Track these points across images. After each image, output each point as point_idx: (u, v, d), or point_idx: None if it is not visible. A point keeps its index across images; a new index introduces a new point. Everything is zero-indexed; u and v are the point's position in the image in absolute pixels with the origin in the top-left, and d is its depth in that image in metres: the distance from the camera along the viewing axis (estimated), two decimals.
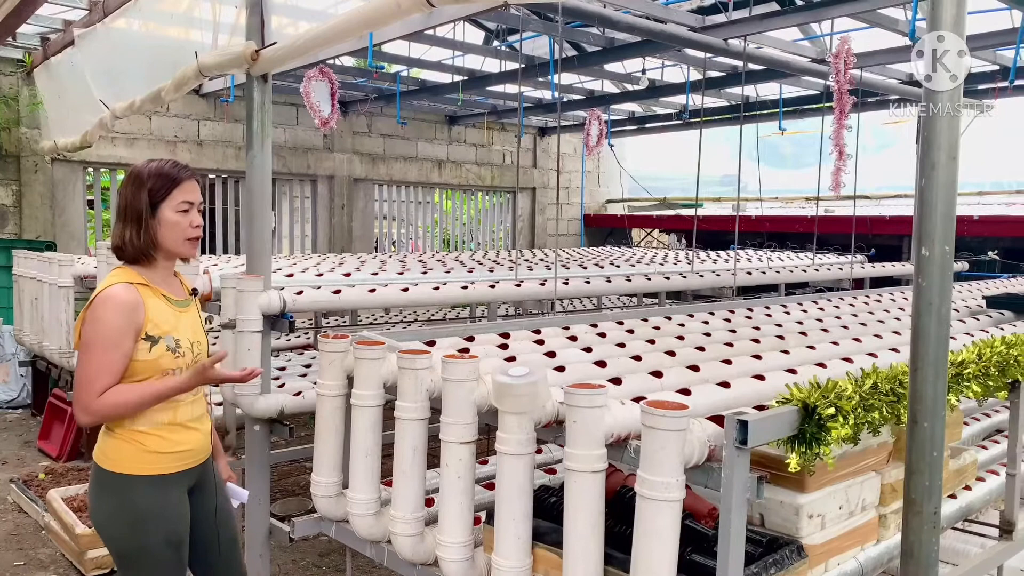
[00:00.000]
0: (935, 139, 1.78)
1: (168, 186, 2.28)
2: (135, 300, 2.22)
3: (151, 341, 2.24)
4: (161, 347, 2.25)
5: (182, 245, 2.33)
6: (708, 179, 11.52)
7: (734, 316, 3.72)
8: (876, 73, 7.90)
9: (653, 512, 1.74)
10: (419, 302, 4.72)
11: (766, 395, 2.27)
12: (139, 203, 2.27)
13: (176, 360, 2.29)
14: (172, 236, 2.30)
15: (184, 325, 2.35)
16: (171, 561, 2.29)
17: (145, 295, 2.26)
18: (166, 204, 2.28)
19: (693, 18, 6.29)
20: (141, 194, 2.27)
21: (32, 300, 6.23)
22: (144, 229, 2.27)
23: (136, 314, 2.21)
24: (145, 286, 2.28)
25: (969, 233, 8.53)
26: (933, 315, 1.80)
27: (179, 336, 2.31)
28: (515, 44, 8.40)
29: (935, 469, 1.84)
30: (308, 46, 3.30)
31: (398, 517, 2.32)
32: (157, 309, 2.27)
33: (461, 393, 2.15)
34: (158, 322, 2.26)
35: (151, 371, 2.25)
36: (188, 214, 2.31)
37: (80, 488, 4.47)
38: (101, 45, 5.93)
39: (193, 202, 2.33)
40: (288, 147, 10.47)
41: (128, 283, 2.24)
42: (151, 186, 2.28)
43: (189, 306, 2.43)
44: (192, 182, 2.34)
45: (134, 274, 2.29)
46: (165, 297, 2.32)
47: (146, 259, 2.31)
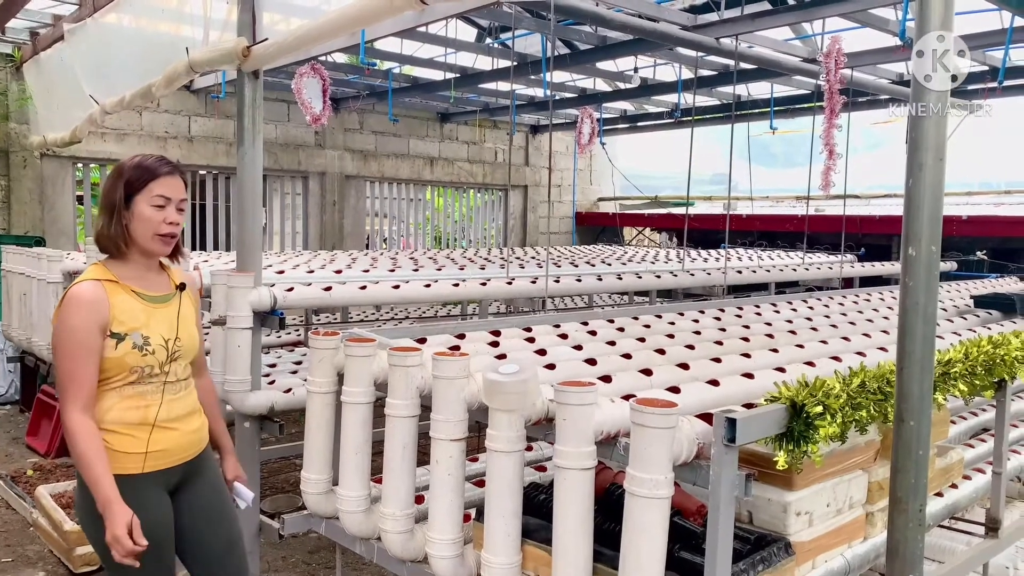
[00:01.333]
0: (922, 140, 1.80)
1: (145, 179, 2.24)
2: (98, 297, 2.18)
3: (116, 338, 2.20)
4: (127, 344, 2.21)
5: (151, 241, 2.26)
6: (699, 178, 11.58)
7: (724, 315, 3.74)
8: (867, 73, 7.94)
9: (642, 509, 1.75)
10: (410, 299, 4.72)
11: (755, 393, 2.28)
12: (115, 194, 2.24)
13: (144, 358, 2.24)
14: (142, 230, 2.25)
15: (158, 322, 2.29)
16: (150, 562, 2.20)
17: (111, 291, 2.22)
18: (141, 197, 2.24)
19: (685, 17, 6.31)
20: (118, 185, 2.24)
21: (21, 296, 6.20)
22: (116, 221, 2.23)
23: (99, 310, 2.17)
24: (113, 282, 2.24)
25: (958, 233, 8.58)
26: (920, 314, 1.82)
27: (149, 333, 2.25)
28: (507, 42, 8.40)
29: (921, 467, 1.85)
30: (300, 42, 3.29)
31: (388, 514, 2.33)
32: (123, 306, 2.23)
33: (451, 390, 2.16)
34: (123, 319, 2.21)
35: (117, 369, 2.21)
36: (163, 210, 2.26)
37: (69, 484, 4.45)
38: (91, 40, 5.90)
39: (171, 198, 2.27)
40: (279, 144, 10.43)
41: (95, 279, 2.22)
42: (128, 177, 2.24)
43: (169, 301, 2.35)
44: (173, 178, 2.28)
45: (104, 270, 2.26)
46: (136, 293, 2.27)
47: (119, 252, 2.28)
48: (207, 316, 3.75)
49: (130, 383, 2.24)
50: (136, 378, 2.24)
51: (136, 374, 2.24)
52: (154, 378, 2.28)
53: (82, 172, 9.29)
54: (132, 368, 2.23)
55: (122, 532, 2.07)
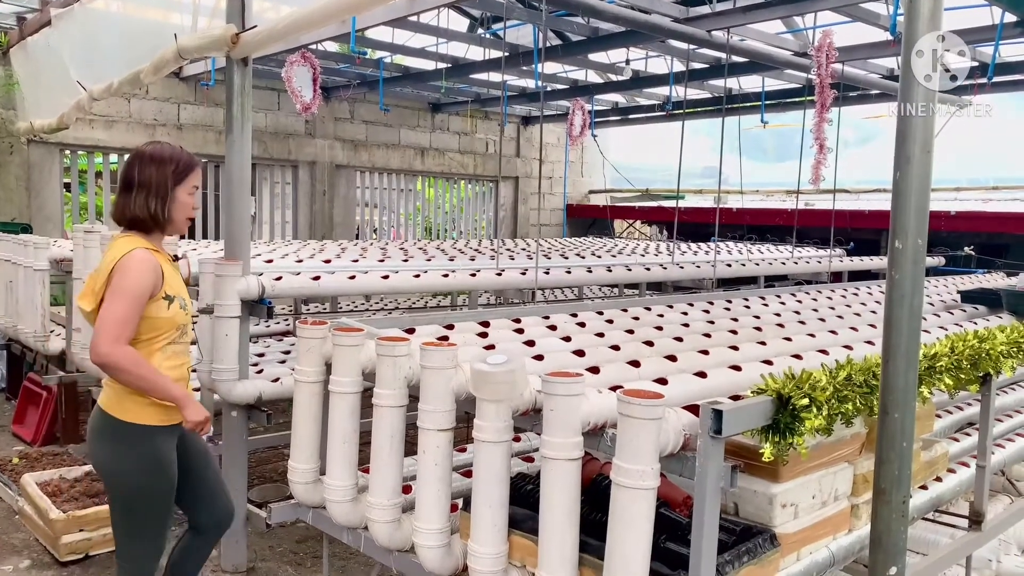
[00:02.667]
0: (910, 133, 1.80)
1: (187, 170, 2.56)
2: (156, 263, 2.49)
3: (168, 300, 2.52)
4: (176, 304, 2.54)
5: (183, 223, 2.63)
6: (690, 171, 11.60)
7: (713, 307, 3.75)
8: (857, 67, 7.96)
9: (628, 500, 1.76)
10: (399, 290, 4.71)
11: (742, 385, 2.29)
12: (164, 179, 2.52)
13: (186, 316, 2.59)
14: (179, 214, 2.58)
15: (181, 285, 2.64)
16: (168, 501, 2.57)
17: (160, 260, 2.53)
18: (182, 186, 2.55)
19: (677, 9, 6.30)
20: (166, 171, 2.53)
21: (7, 283, 6.15)
22: (160, 202, 2.52)
23: (157, 276, 2.48)
24: (157, 252, 2.54)
25: (945, 228, 8.62)
26: (905, 307, 1.83)
27: (183, 296, 2.60)
28: (499, 32, 8.36)
29: (904, 459, 1.87)
30: (289, 30, 3.28)
31: (375, 504, 2.33)
32: (169, 272, 2.56)
33: (439, 380, 2.16)
34: (171, 283, 2.55)
35: (168, 326, 2.53)
36: (192, 196, 2.61)
37: (55, 473, 4.43)
38: (79, 26, 5.84)
39: (198, 186, 2.63)
40: (269, 132, 10.37)
41: (146, 248, 2.50)
42: (175, 166, 2.54)
43: (178, 270, 2.72)
44: (199, 169, 2.63)
45: (143, 241, 2.52)
46: (168, 261, 2.60)
47: (151, 229, 2.55)
48: (195, 305, 3.73)
49: (170, 343, 2.55)
50: (177, 335, 2.57)
51: (179, 331, 2.57)
52: (184, 337, 2.62)
53: (69, 159, 9.21)
54: (178, 326, 2.56)
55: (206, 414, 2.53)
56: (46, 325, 5.60)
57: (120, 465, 2.52)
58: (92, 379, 4.91)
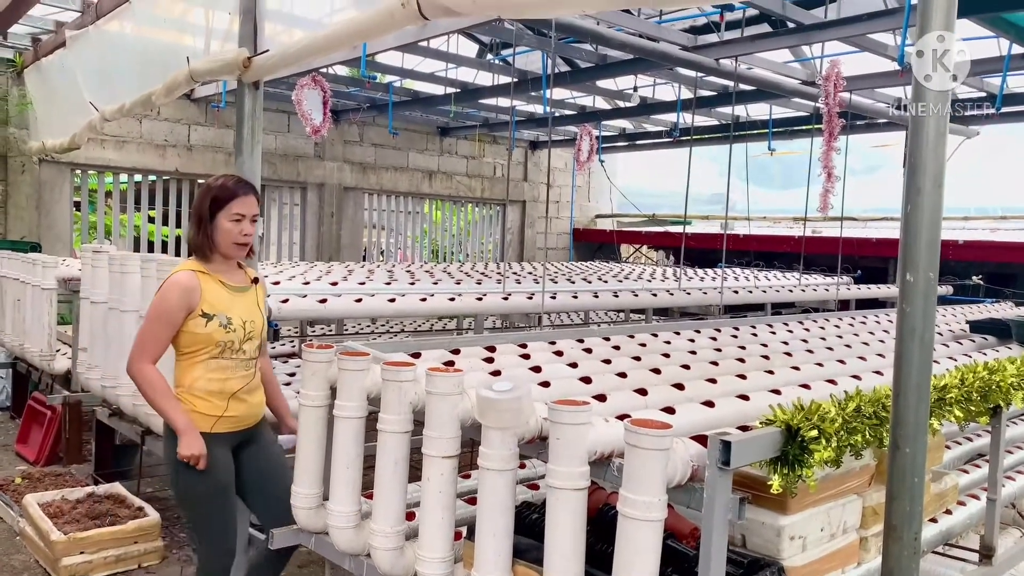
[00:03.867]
0: (921, 165, 1.80)
1: (226, 198, 2.72)
2: (193, 284, 2.68)
3: (206, 317, 2.69)
4: (214, 323, 2.69)
5: (230, 248, 2.76)
6: (697, 197, 11.61)
7: (720, 334, 3.73)
8: (865, 97, 7.99)
9: (635, 531, 1.73)
10: (406, 313, 4.71)
11: (750, 415, 2.27)
12: (203, 209, 2.74)
13: (227, 334, 2.72)
14: (224, 240, 2.74)
15: (239, 306, 2.77)
16: (218, 503, 2.72)
17: (203, 280, 2.71)
18: (223, 213, 2.72)
19: (685, 37, 6.35)
20: (205, 202, 2.73)
21: (15, 302, 6.17)
22: (203, 231, 2.73)
23: (192, 295, 2.67)
24: (204, 273, 2.74)
25: (954, 257, 8.61)
26: (916, 341, 1.81)
27: (231, 315, 2.74)
28: (508, 58, 8.43)
29: (916, 494, 1.84)
30: (301, 55, 3.30)
31: (378, 531, 2.30)
32: (213, 292, 2.72)
33: (445, 407, 2.14)
34: (213, 302, 2.70)
35: (206, 342, 2.70)
36: (239, 223, 2.74)
37: (57, 494, 4.41)
38: (93, 47, 5.91)
39: (245, 214, 2.74)
40: (279, 154, 10.44)
41: (191, 271, 2.72)
42: (213, 196, 2.73)
43: (247, 292, 2.85)
44: (248, 197, 2.76)
45: (197, 264, 2.76)
46: (222, 283, 2.76)
47: (205, 254, 2.76)
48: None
49: (214, 357, 2.72)
50: (219, 352, 2.72)
51: (219, 348, 2.71)
52: (234, 355, 2.75)
53: (80, 178, 9.28)
54: (217, 343, 2.71)
55: (198, 450, 2.64)
56: (52, 344, 5.60)
57: (173, 465, 2.73)
58: (96, 399, 4.90)
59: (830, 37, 6.01)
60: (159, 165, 9.52)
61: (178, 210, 9.88)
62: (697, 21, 6.92)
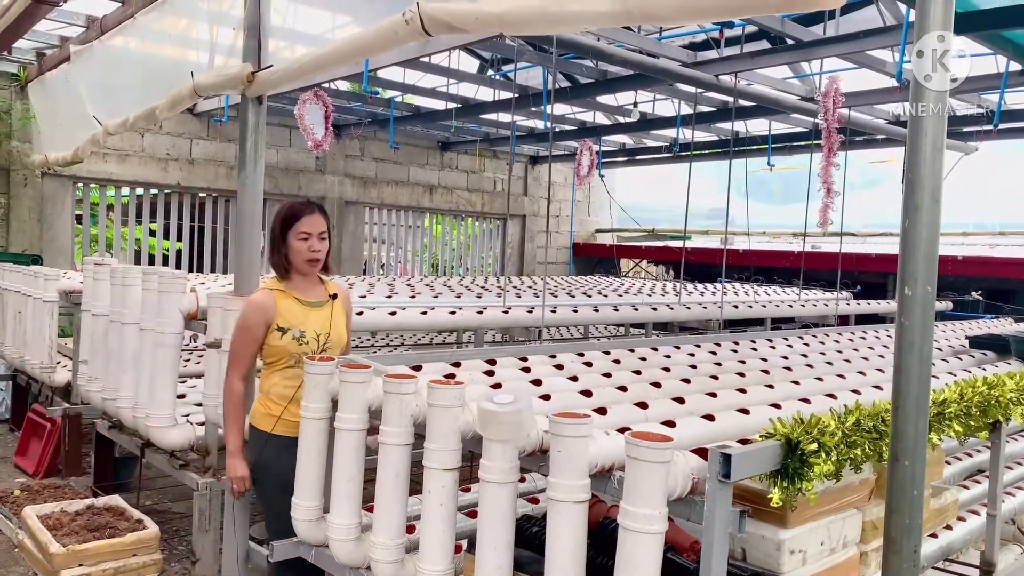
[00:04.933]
0: (919, 181, 1.82)
1: (290, 220, 2.95)
2: (268, 303, 2.92)
3: (281, 331, 2.90)
4: (288, 336, 2.90)
5: (303, 264, 2.97)
6: (696, 212, 11.64)
7: (720, 349, 3.74)
8: (863, 112, 8.03)
9: (635, 544, 1.74)
10: (407, 326, 4.72)
11: (750, 429, 2.28)
12: (275, 231, 2.98)
13: (300, 346, 2.90)
14: (296, 258, 2.96)
15: (313, 321, 2.97)
16: (286, 503, 2.70)
17: (279, 298, 2.95)
18: (291, 233, 2.94)
19: (685, 54, 6.39)
20: (276, 224, 2.98)
21: (16, 314, 6.18)
22: (276, 251, 2.98)
23: (267, 312, 2.90)
24: (280, 291, 2.96)
25: (953, 273, 8.63)
26: (915, 354, 1.82)
27: (305, 329, 2.93)
28: (509, 74, 8.49)
29: (915, 507, 1.84)
30: (304, 70, 3.33)
31: (379, 543, 2.31)
32: (288, 308, 2.93)
33: (446, 419, 2.15)
34: (287, 318, 2.91)
35: (282, 354, 2.90)
36: (307, 241, 2.94)
37: (56, 506, 4.40)
38: (97, 62, 5.96)
39: (311, 232, 2.94)
40: (280, 168, 10.49)
41: (267, 290, 2.98)
42: (282, 217, 2.97)
43: (323, 306, 3.03)
44: (314, 216, 2.95)
45: (275, 283, 3.01)
46: (297, 299, 2.97)
47: (283, 273, 2.99)
48: (202, 339, 3.73)
49: (290, 367, 2.90)
50: (294, 362, 2.89)
51: (294, 359, 2.89)
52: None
53: (82, 192, 9.32)
54: (292, 354, 2.90)
55: (239, 474, 2.92)
56: (53, 357, 5.61)
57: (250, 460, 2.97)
58: (96, 411, 4.90)
59: (829, 54, 6.06)
60: (161, 179, 9.56)
61: (179, 223, 9.91)
62: (697, 37, 6.97)
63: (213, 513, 3.96)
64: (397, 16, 2.64)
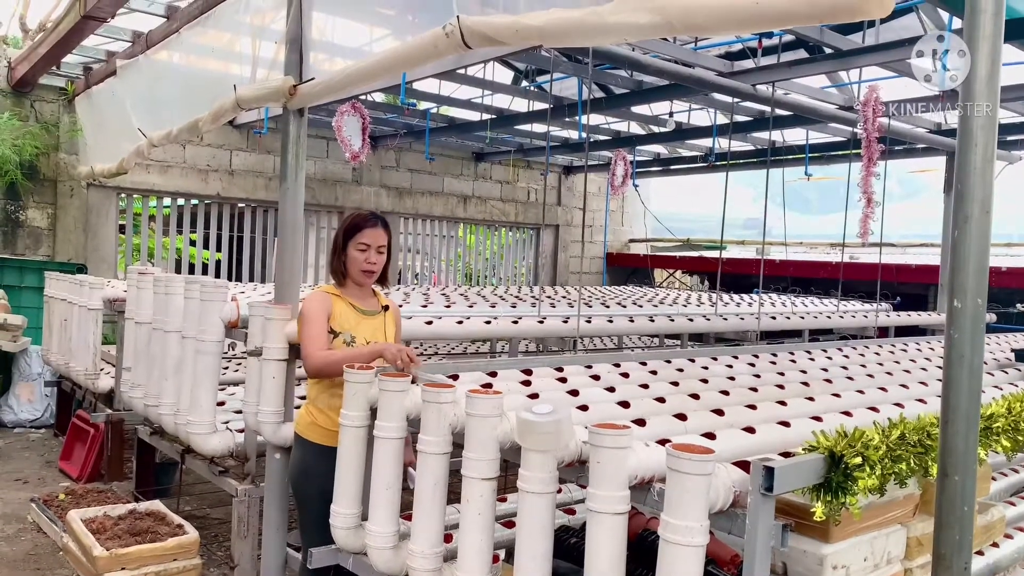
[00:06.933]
0: (969, 192, 1.79)
1: (352, 230, 3.07)
2: (326, 299, 3.06)
3: (334, 334, 3.01)
4: (339, 340, 3.01)
5: (359, 274, 3.10)
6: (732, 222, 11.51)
7: (758, 361, 3.70)
8: (904, 121, 7.90)
9: (676, 557, 1.73)
10: (442, 335, 4.74)
11: (792, 442, 2.25)
12: (337, 239, 3.12)
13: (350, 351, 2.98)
14: (353, 267, 3.09)
15: (364, 327, 3.08)
16: (320, 507, 2.77)
17: (335, 300, 3.07)
18: (352, 242, 3.07)
19: (721, 63, 6.36)
20: (340, 232, 3.12)
21: (62, 322, 6.33)
22: (337, 259, 3.12)
23: (325, 307, 3.03)
24: (336, 295, 3.10)
25: (997, 284, 8.42)
26: (965, 367, 1.79)
27: (356, 334, 3.04)
28: (544, 85, 8.51)
29: (966, 523, 1.81)
30: (345, 83, 3.38)
31: (416, 552, 2.32)
32: (342, 312, 3.06)
33: (485, 428, 2.15)
34: (340, 321, 3.03)
35: None
36: (365, 252, 3.07)
37: (100, 510, 4.48)
38: (142, 76, 6.10)
39: (370, 244, 3.06)
40: (318, 179, 10.62)
41: (324, 291, 3.12)
42: (345, 227, 3.10)
43: (375, 316, 3.15)
44: (375, 229, 3.08)
45: (331, 288, 3.15)
46: (352, 305, 3.09)
47: (340, 279, 3.14)
48: (241, 347, 3.78)
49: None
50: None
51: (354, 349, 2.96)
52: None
53: (125, 202, 9.52)
54: None
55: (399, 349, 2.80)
56: (97, 363, 5.73)
57: (290, 466, 3.11)
58: (139, 417, 5.00)
59: (868, 63, 5.97)
60: (201, 189, 9.74)
61: (219, 233, 10.07)
62: (733, 47, 6.93)
63: (252, 519, 4.02)
64: (438, 29, 2.67)
